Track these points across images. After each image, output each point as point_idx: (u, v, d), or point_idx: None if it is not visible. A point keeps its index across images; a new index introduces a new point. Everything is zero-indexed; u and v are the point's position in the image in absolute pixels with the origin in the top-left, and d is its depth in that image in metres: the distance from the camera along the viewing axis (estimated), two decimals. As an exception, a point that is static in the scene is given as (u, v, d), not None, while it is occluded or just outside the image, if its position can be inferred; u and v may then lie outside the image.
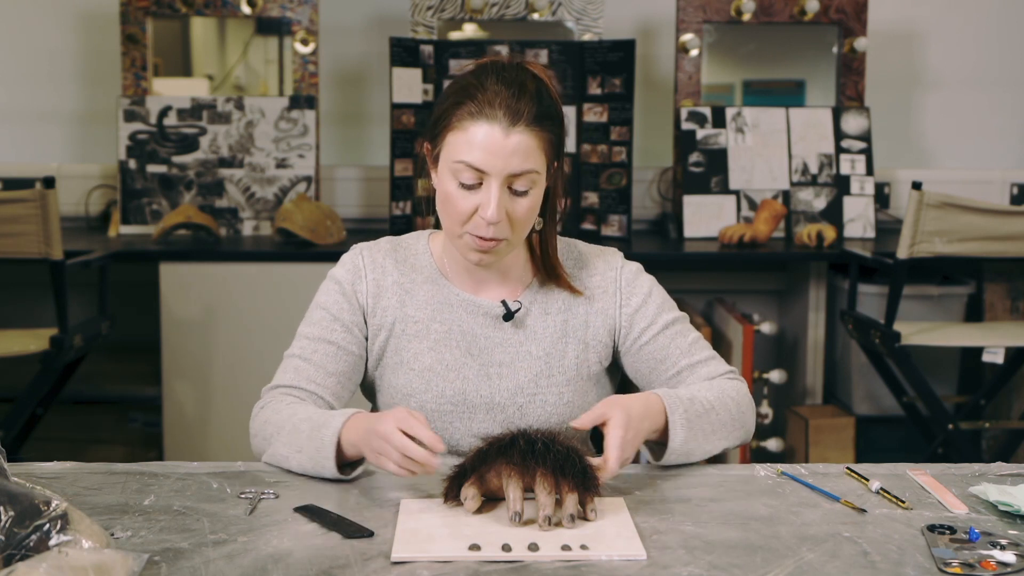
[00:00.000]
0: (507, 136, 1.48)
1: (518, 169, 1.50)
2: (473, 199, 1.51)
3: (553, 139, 1.54)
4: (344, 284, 1.65)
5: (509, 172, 1.50)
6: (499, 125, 1.48)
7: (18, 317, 3.49)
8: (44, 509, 1.10)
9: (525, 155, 1.50)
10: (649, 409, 1.47)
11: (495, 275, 1.64)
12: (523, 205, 1.53)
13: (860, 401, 3.66)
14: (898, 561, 1.19)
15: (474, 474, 1.33)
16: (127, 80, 3.77)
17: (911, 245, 2.93)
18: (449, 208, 1.54)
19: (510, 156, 1.49)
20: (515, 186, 1.51)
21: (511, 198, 1.52)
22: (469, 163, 1.50)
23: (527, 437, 1.31)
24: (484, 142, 1.49)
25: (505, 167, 1.49)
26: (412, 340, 1.63)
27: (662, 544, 1.24)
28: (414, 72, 3.62)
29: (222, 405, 3.29)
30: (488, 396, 1.61)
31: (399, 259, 1.67)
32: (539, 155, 1.52)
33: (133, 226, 3.70)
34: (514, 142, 1.49)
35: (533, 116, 1.50)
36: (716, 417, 1.54)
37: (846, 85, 3.90)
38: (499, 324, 1.63)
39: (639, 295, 1.66)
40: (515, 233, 1.55)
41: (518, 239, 1.57)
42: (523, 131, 1.49)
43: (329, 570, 1.16)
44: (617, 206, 3.68)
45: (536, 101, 1.51)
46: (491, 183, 1.50)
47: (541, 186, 1.55)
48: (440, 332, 1.62)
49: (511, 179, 1.51)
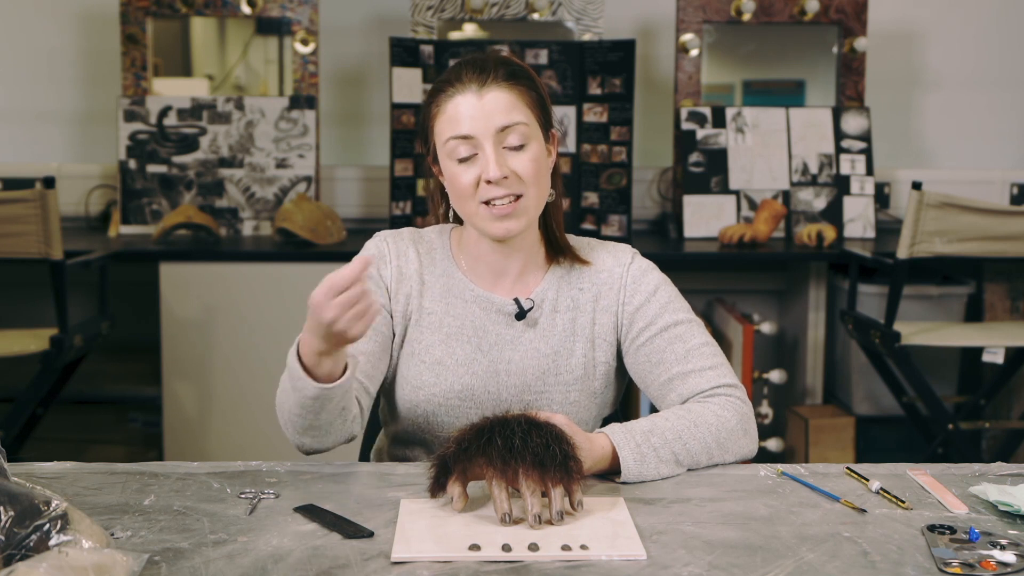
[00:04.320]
0: (481, 97, 1.53)
1: (503, 122, 1.53)
2: (474, 170, 1.54)
3: (534, 96, 1.57)
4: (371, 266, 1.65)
5: (495, 128, 1.53)
6: (470, 91, 1.54)
7: (18, 317, 3.49)
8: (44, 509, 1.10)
9: (506, 109, 1.53)
10: (593, 453, 1.43)
11: (512, 266, 1.64)
12: (524, 159, 1.54)
13: (860, 401, 3.66)
14: (898, 561, 1.19)
15: (456, 470, 1.32)
16: (127, 80, 3.77)
17: (911, 245, 2.93)
18: (457, 188, 1.56)
19: (491, 113, 1.53)
20: (508, 142, 1.54)
21: (509, 155, 1.54)
22: (456, 135, 1.53)
23: (504, 432, 1.30)
24: (464, 111, 1.53)
25: (489, 124, 1.53)
26: (426, 331, 1.63)
27: (662, 544, 1.24)
28: (414, 72, 3.62)
29: (222, 405, 3.29)
30: (496, 393, 1.61)
31: (420, 251, 1.67)
32: (522, 108, 1.55)
33: (133, 226, 3.71)
34: (490, 99, 1.53)
35: (503, 75, 1.55)
36: (682, 446, 1.48)
37: (846, 85, 3.90)
38: (510, 322, 1.63)
39: (643, 293, 1.64)
40: (528, 188, 1.55)
41: (534, 197, 1.56)
42: (495, 87, 1.54)
43: (329, 570, 1.16)
44: (617, 206, 3.68)
45: (503, 65, 1.56)
46: (483, 145, 1.53)
47: (539, 143, 1.57)
48: (453, 326, 1.63)
49: (501, 136, 1.53)
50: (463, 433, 1.33)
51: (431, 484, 1.34)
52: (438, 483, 1.33)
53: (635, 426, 1.48)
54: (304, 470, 1.48)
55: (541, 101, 1.59)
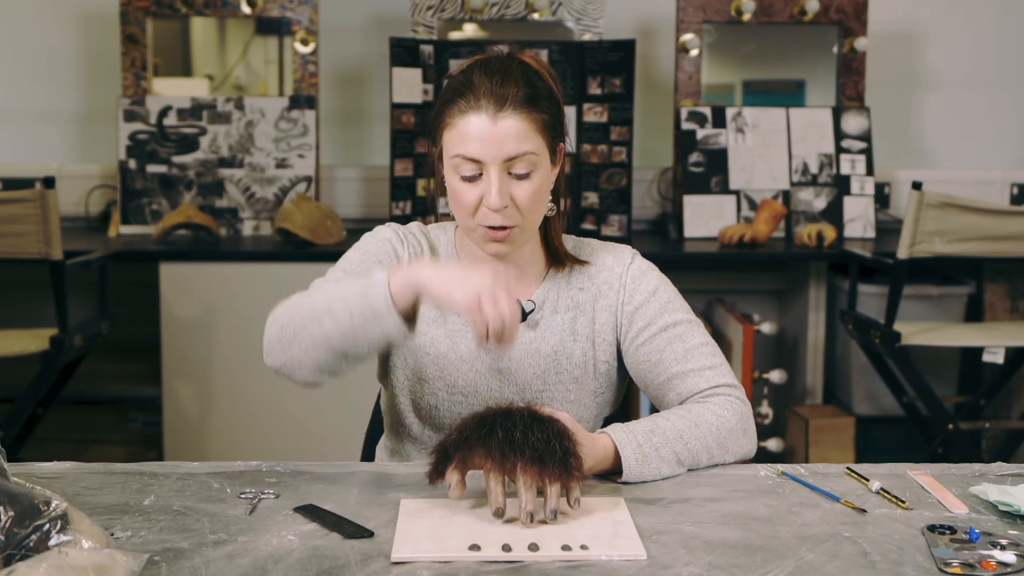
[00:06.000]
0: (495, 122, 1.50)
1: (513, 152, 1.51)
2: (476, 190, 1.52)
3: (548, 119, 1.54)
4: (382, 241, 1.64)
5: (504, 157, 1.51)
6: (486, 113, 1.50)
7: (18, 317, 3.49)
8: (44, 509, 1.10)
9: (518, 138, 1.51)
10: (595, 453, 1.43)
11: (511, 270, 1.64)
12: (526, 189, 1.53)
13: (860, 401, 3.66)
14: (898, 561, 1.19)
15: (456, 458, 1.32)
16: (127, 80, 3.77)
17: (911, 245, 2.93)
18: (457, 203, 1.55)
19: (502, 141, 1.50)
20: (515, 170, 1.52)
21: (513, 182, 1.52)
22: (464, 155, 1.51)
23: (506, 424, 1.30)
24: (475, 132, 1.50)
25: (499, 152, 1.50)
26: (431, 324, 1.63)
27: (662, 544, 1.23)
28: (414, 72, 3.62)
29: (222, 405, 3.29)
30: (498, 391, 1.62)
31: (428, 244, 1.68)
32: (534, 137, 1.52)
33: (133, 226, 3.70)
34: (504, 126, 1.50)
35: (520, 99, 1.51)
36: (683, 446, 1.48)
37: (846, 85, 3.90)
38: None
39: (642, 293, 1.64)
40: (525, 219, 1.54)
41: (530, 225, 1.56)
42: (511, 115, 1.50)
43: (329, 570, 1.16)
44: (617, 206, 3.68)
45: (522, 84, 1.52)
46: (489, 171, 1.51)
47: (544, 169, 1.55)
48: (457, 323, 1.63)
49: (508, 164, 1.51)
50: (465, 422, 1.33)
51: (430, 470, 1.34)
52: (437, 470, 1.33)
53: (636, 426, 1.48)
54: (304, 470, 1.48)
55: (555, 122, 1.56)
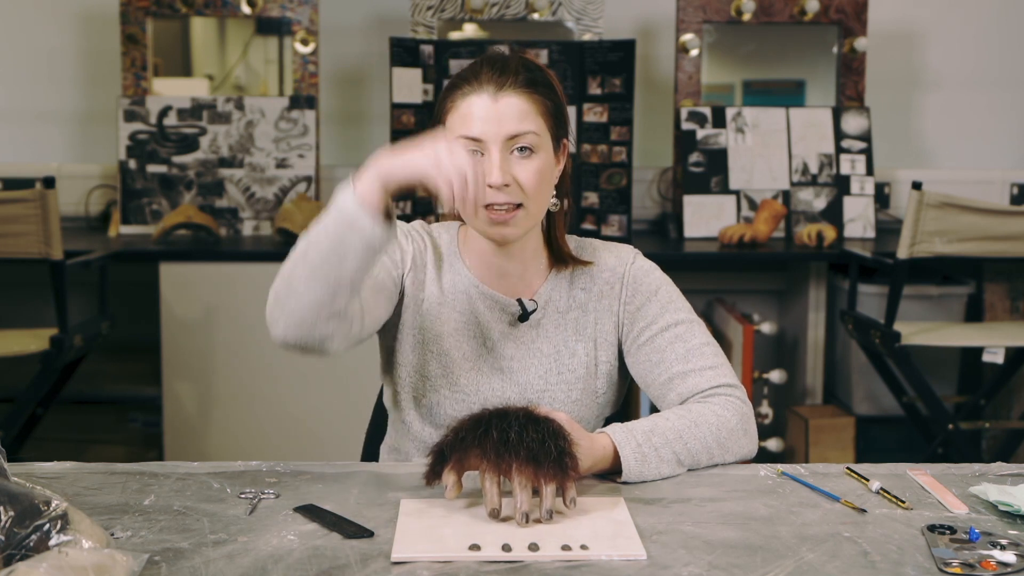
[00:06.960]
0: (496, 100, 1.52)
1: (514, 130, 1.52)
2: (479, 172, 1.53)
3: (550, 106, 1.56)
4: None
5: (505, 135, 1.52)
6: (487, 93, 1.53)
7: (18, 317, 3.49)
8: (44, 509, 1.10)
9: (519, 116, 1.52)
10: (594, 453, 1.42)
11: (514, 269, 1.64)
12: (529, 169, 1.53)
13: (860, 401, 3.66)
14: (898, 561, 1.19)
15: (452, 458, 1.32)
16: (127, 80, 3.77)
17: (911, 245, 2.93)
18: None
19: (503, 118, 1.52)
20: (517, 149, 1.53)
21: (516, 161, 1.53)
22: (466, 135, 1.52)
23: (501, 425, 1.30)
24: (477, 112, 1.52)
25: (500, 130, 1.51)
26: (434, 322, 1.64)
27: (662, 544, 1.23)
28: (414, 72, 3.62)
29: (222, 405, 3.29)
30: (500, 390, 1.62)
31: (431, 242, 1.68)
32: (535, 117, 1.54)
33: (133, 226, 3.71)
34: (504, 104, 1.52)
35: (521, 82, 1.54)
36: (683, 446, 1.48)
37: (846, 85, 3.90)
38: (513, 321, 1.64)
39: (644, 293, 1.64)
40: (530, 199, 1.54)
41: (535, 209, 1.56)
42: (512, 93, 1.53)
43: (329, 570, 1.16)
44: (617, 206, 3.68)
45: (523, 71, 1.55)
46: (491, 149, 1.52)
47: (547, 153, 1.55)
48: (459, 321, 1.63)
49: (510, 142, 1.52)
50: (461, 423, 1.34)
51: (427, 471, 1.34)
52: (434, 471, 1.34)
53: (636, 426, 1.48)
54: (304, 470, 1.48)
55: (556, 111, 1.58)
